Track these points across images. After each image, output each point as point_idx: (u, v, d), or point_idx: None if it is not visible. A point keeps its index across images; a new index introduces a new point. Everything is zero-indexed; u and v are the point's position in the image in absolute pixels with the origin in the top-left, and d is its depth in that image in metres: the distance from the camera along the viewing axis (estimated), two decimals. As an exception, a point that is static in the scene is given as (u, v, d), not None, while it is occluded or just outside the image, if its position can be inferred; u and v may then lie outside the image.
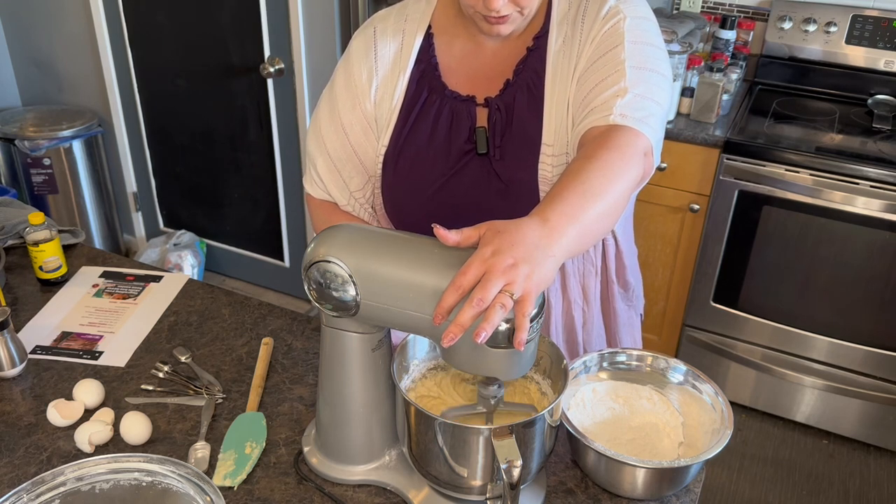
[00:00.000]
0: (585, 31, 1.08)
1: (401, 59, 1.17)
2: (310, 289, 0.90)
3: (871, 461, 2.43)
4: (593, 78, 1.05)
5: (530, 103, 1.11)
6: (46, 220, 1.45)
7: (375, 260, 0.86)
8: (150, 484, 0.84)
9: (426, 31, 1.17)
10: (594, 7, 1.09)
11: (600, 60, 1.05)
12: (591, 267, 1.21)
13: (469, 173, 1.13)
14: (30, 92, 3.32)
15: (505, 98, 1.12)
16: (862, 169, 2.10)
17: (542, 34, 1.11)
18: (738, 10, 2.65)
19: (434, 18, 1.17)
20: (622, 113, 0.99)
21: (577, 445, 1.01)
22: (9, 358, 1.20)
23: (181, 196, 3.26)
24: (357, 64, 1.18)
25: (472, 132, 1.13)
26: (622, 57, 1.03)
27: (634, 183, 0.98)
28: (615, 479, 0.98)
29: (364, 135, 1.19)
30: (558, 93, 1.09)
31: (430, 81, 1.15)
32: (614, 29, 1.05)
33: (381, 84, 1.17)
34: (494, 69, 1.14)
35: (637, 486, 0.98)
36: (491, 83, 1.14)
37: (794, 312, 2.36)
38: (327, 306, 0.90)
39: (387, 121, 1.17)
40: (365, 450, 1.02)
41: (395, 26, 1.18)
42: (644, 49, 1.05)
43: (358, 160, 1.20)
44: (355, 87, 1.18)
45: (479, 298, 0.77)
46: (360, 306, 0.88)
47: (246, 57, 2.74)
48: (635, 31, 1.06)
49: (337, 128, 1.20)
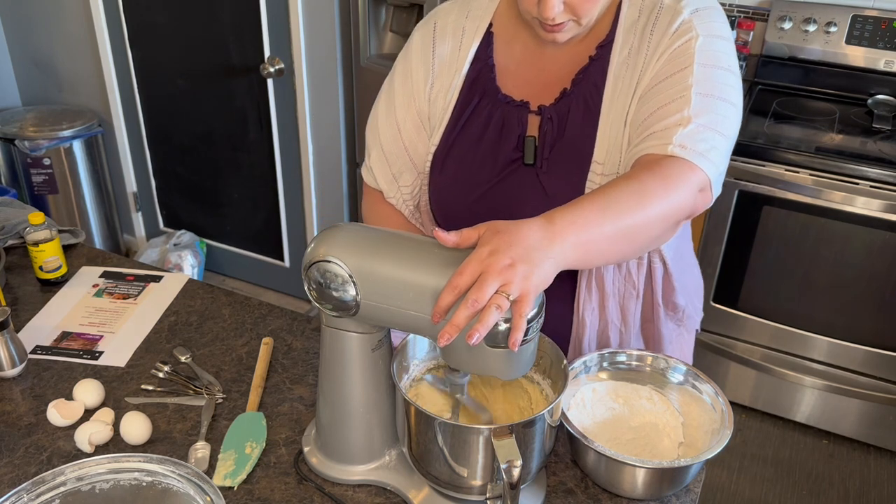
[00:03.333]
0: (653, 45, 1.02)
1: (458, 57, 1.14)
2: (310, 289, 0.90)
3: (871, 461, 2.43)
4: (656, 100, 0.99)
5: (585, 116, 1.06)
6: (46, 220, 1.45)
7: (375, 260, 0.86)
8: (150, 484, 0.84)
9: (487, 30, 1.13)
10: (665, 18, 1.02)
11: (666, 81, 0.99)
12: (632, 289, 1.14)
13: (514, 182, 1.10)
14: (30, 92, 3.32)
15: (559, 108, 1.08)
16: (862, 169, 2.10)
17: (607, 43, 1.06)
18: (738, 10, 2.65)
19: (496, 17, 1.14)
20: (682, 144, 0.95)
21: (577, 445, 1.01)
22: (9, 358, 1.20)
23: (181, 196, 3.26)
24: (415, 59, 1.16)
25: (521, 140, 1.10)
26: (689, 81, 0.97)
27: (676, 215, 0.95)
28: (615, 479, 0.98)
29: (416, 133, 1.18)
30: (616, 108, 1.04)
31: (484, 83, 1.12)
32: (685, 48, 0.99)
33: (436, 81, 1.15)
34: (552, 75, 1.10)
35: (637, 486, 0.98)
36: (547, 90, 1.10)
37: (794, 312, 2.36)
38: (327, 306, 0.90)
39: (440, 119, 1.15)
40: (365, 450, 1.02)
41: (455, 23, 1.15)
42: (714, 74, 0.99)
43: (408, 157, 1.19)
44: (412, 83, 1.16)
45: (473, 299, 0.77)
46: (360, 306, 0.88)
47: (246, 57, 2.74)
48: (707, 53, 0.99)
49: (391, 123, 1.18)
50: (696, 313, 1.28)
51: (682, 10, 1.02)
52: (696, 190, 0.96)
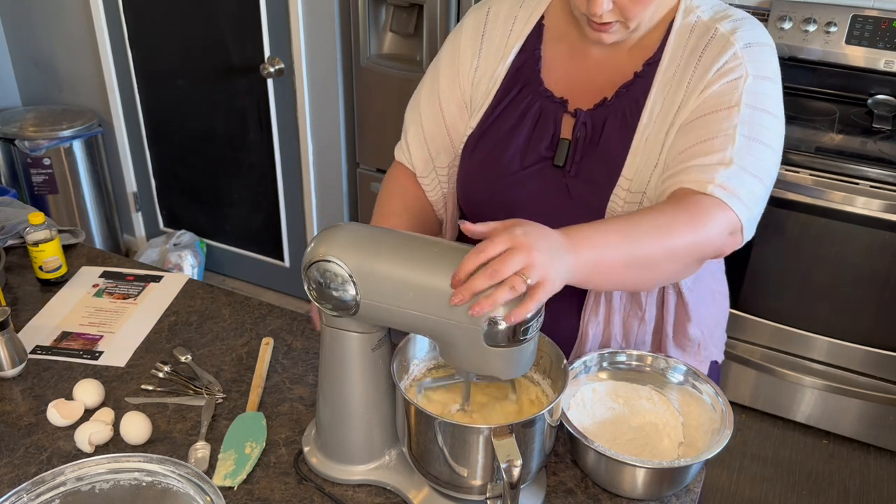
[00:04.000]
0: (699, 74, 1.01)
1: (507, 44, 1.15)
2: (310, 288, 0.90)
3: (871, 461, 2.43)
4: (699, 132, 0.98)
5: (621, 131, 1.06)
6: (46, 220, 1.45)
7: (375, 259, 0.86)
8: (150, 484, 0.84)
9: (538, 22, 1.14)
10: (716, 47, 1.01)
11: (711, 116, 0.98)
12: (637, 310, 1.13)
13: (540, 180, 1.10)
14: (30, 92, 3.32)
15: (595, 115, 1.08)
16: (862, 169, 2.10)
17: (654, 61, 1.05)
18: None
19: (549, 10, 1.14)
20: (722, 184, 0.94)
21: (577, 445, 1.01)
22: (9, 358, 1.20)
23: (181, 196, 3.25)
24: (465, 42, 1.17)
25: (554, 139, 1.10)
26: (735, 121, 0.97)
27: (699, 253, 0.95)
28: (615, 479, 0.98)
29: (459, 113, 1.18)
30: (652, 129, 1.04)
31: (527, 74, 1.13)
32: (733, 86, 0.98)
33: (481, 65, 1.16)
34: (595, 80, 1.10)
35: (637, 486, 0.98)
36: (587, 93, 1.10)
37: (794, 312, 2.36)
38: (327, 306, 0.90)
39: (480, 103, 1.16)
40: (365, 450, 1.02)
41: (508, 11, 1.16)
42: (761, 118, 0.98)
43: (449, 138, 1.20)
44: (458, 63, 1.17)
45: (494, 269, 0.78)
46: (359, 306, 0.88)
47: (246, 57, 2.74)
48: (755, 95, 0.98)
49: (434, 102, 1.19)
50: (715, 345, 1.23)
51: (734, 42, 1.00)
52: (726, 232, 0.96)
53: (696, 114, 1.00)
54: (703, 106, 1.00)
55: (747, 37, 1.02)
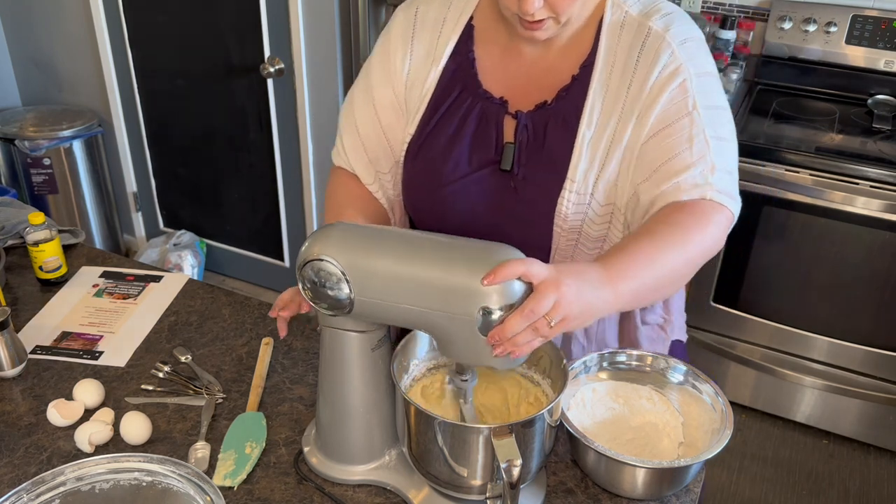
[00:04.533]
0: (640, 78, 1.03)
1: (437, 47, 1.13)
2: (304, 288, 0.91)
3: (871, 461, 2.43)
4: (668, 149, 1.01)
5: (563, 134, 1.07)
6: (46, 220, 1.45)
7: (367, 256, 0.87)
8: (150, 484, 0.84)
9: (467, 23, 1.13)
10: (652, 49, 1.03)
11: (673, 127, 1.01)
12: None
13: (487, 184, 1.10)
14: (30, 92, 3.32)
15: (536, 118, 1.08)
16: (862, 169, 2.10)
17: (589, 63, 1.06)
18: (738, 10, 2.65)
19: (478, 11, 1.13)
20: (717, 190, 1.00)
21: (577, 445, 1.01)
22: (9, 358, 1.20)
23: (181, 196, 3.25)
24: (394, 43, 1.16)
25: (498, 143, 1.10)
26: (700, 126, 1.01)
27: (710, 255, 1.00)
28: (615, 479, 0.98)
29: (395, 115, 1.17)
30: (594, 132, 1.05)
31: (464, 77, 1.12)
32: (682, 90, 1.01)
33: (413, 68, 1.14)
34: (532, 81, 1.10)
35: (637, 486, 0.98)
36: (525, 94, 1.10)
37: (794, 312, 2.36)
38: (322, 305, 0.90)
39: (416, 108, 1.15)
40: (365, 450, 1.02)
41: (437, 12, 1.14)
42: (718, 115, 1.03)
43: (386, 141, 1.18)
44: (390, 63, 1.16)
45: (530, 310, 0.81)
46: (354, 304, 0.88)
47: (246, 57, 2.74)
48: (705, 94, 1.02)
49: (369, 105, 1.18)
50: (679, 325, 1.28)
51: (669, 41, 1.02)
52: (726, 229, 1.03)
53: (659, 125, 1.02)
54: (663, 118, 1.02)
55: (681, 33, 1.04)
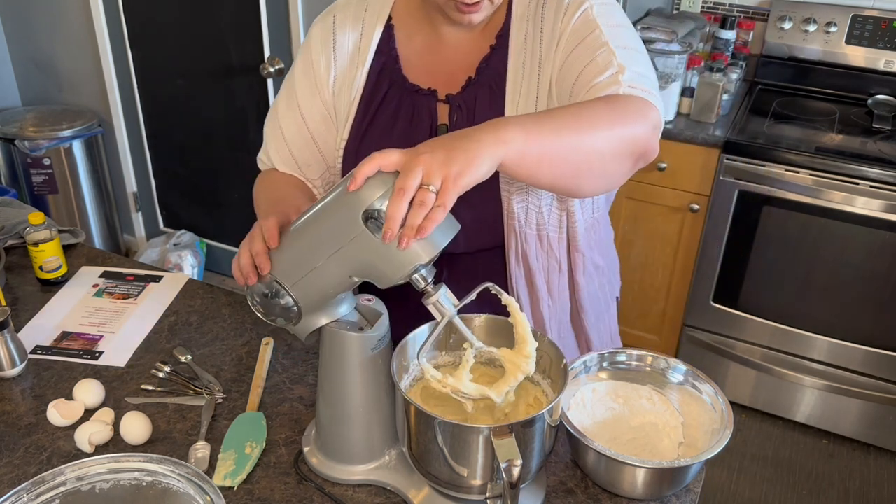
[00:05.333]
0: (548, 25, 1.07)
1: (360, 50, 1.16)
2: (254, 304, 0.96)
3: (871, 461, 2.43)
4: (578, 63, 1.03)
5: (492, 102, 1.10)
6: (46, 220, 1.45)
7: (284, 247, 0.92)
8: (150, 484, 0.84)
9: (386, 23, 1.16)
10: (552, 2, 1.08)
11: (580, 46, 1.03)
12: (554, 263, 1.19)
13: None
14: (30, 92, 3.32)
15: (466, 96, 1.11)
16: (862, 169, 2.10)
17: (504, 32, 1.11)
18: (738, 10, 2.65)
19: (395, 9, 1.16)
20: (631, 85, 0.97)
21: (577, 445, 1.01)
22: (9, 358, 1.20)
23: (181, 196, 3.26)
24: (316, 52, 1.17)
25: (433, 128, 1.12)
26: (604, 39, 1.02)
27: (632, 147, 0.95)
28: (615, 479, 0.98)
29: (324, 123, 1.19)
30: (523, 90, 1.09)
31: (390, 74, 1.15)
32: (584, 17, 1.05)
33: (339, 75, 1.17)
34: (456, 64, 1.13)
35: (637, 486, 0.98)
36: (451, 78, 1.13)
37: (794, 312, 2.36)
38: (279, 320, 0.95)
39: (346, 113, 1.17)
40: (365, 450, 1.02)
41: (354, 16, 1.17)
42: (622, 31, 1.05)
43: (316, 148, 1.20)
44: (314, 74, 1.17)
45: (399, 188, 0.79)
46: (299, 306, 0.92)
47: (246, 57, 2.74)
48: (607, 16, 1.05)
49: (295, 114, 1.19)
50: (616, 281, 1.35)
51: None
52: (652, 127, 0.97)
53: (566, 53, 1.04)
54: (569, 43, 1.04)
55: None
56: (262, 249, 0.93)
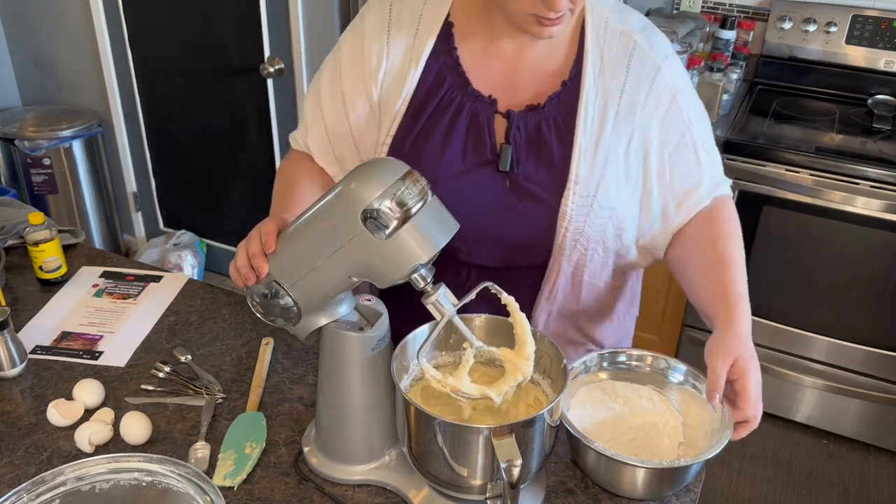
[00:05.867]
0: (630, 92, 1.08)
1: (415, 46, 1.10)
2: (253, 304, 0.97)
3: (871, 461, 2.43)
4: (680, 167, 1.11)
5: (559, 137, 1.08)
6: (46, 220, 1.45)
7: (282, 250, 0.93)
8: (150, 484, 0.84)
9: (445, 20, 1.10)
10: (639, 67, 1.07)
11: (678, 148, 1.11)
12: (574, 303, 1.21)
13: (483, 183, 1.09)
14: (30, 92, 3.32)
15: (529, 120, 1.08)
16: (862, 169, 2.10)
17: (577, 68, 1.08)
18: (738, 10, 2.65)
19: (454, 9, 1.10)
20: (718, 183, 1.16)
21: (576, 445, 1.01)
22: (9, 358, 1.20)
23: (181, 196, 3.25)
24: (368, 41, 1.11)
25: (492, 142, 1.09)
26: (698, 135, 1.12)
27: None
28: (615, 479, 0.98)
29: (365, 120, 1.14)
30: (589, 136, 1.07)
31: (450, 75, 1.10)
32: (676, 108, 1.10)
33: (390, 70, 1.11)
34: (515, 78, 1.10)
35: (637, 486, 0.98)
36: (509, 92, 1.09)
37: (794, 312, 2.36)
38: (278, 321, 0.95)
39: (393, 112, 1.11)
40: (365, 450, 1.02)
41: (412, 9, 1.10)
42: (702, 117, 1.13)
43: (353, 142, 1.16)
44: (363, 65, 1.12)
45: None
46: (299, 306, 0.92)
47: (246, 57, 2.74)
48: (690, 104, 1.12)
49: (338, 103, 1.15)
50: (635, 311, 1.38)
51: (655, 58, 1.09)
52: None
53: (664, 148, 1.10)
54: (665, 139, 1.10)
55: (662, 49, 1.10)
56: (258, 251, 0.94)
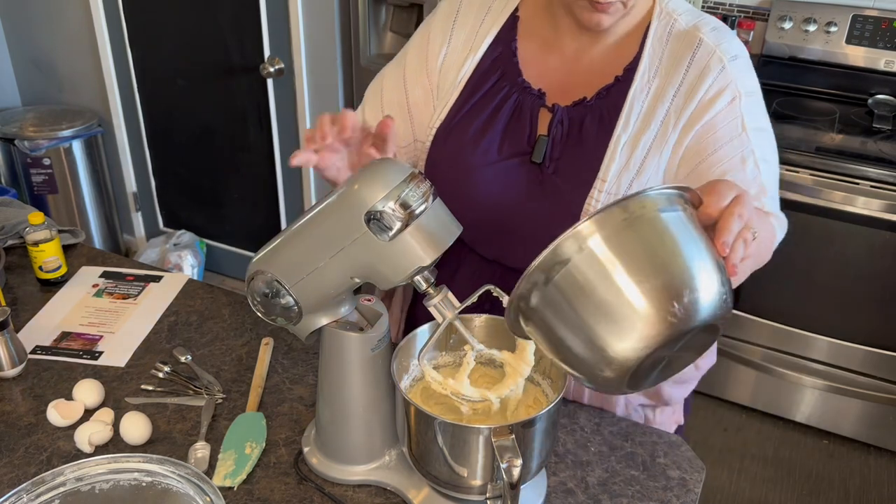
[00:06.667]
0: (688, 86, 1.04)
1: (478, 35, 1.14)
2: (254, 303, 0.96)
3: (871, 461, 2.43)
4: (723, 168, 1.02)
5: (599, 132, 1.07)
6: (46, 220, 1.45)
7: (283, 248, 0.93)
8: (150, 484, 0.84)
9: (512, 13, 1.14)
10: (700, 63, 1.04)
11: (726, 149, 1.02)
12: None
13: (515, 173, 1.10)
14: (30, 92, 3.32)
15: (573, 114, 1.08)
16: (862, 169, 2.10)
17: (633, 67, 1.07)
18: (738, 10, 2.65)
19: (523, 3, 1.14)
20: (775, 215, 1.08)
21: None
22: (9, 358, 1.20)
23: (181, 196, 3.26)
24: (436, 27, 1.17)
25: (532, 134, 1.10)
26: (751, 148, 1.03)
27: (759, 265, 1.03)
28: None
29: (423, 99, 1.17)
30: (629, 133, 1.06)
31: (504, 65, 1.13)
32: (731, 110, 1.03)
33: (450, 53, 1.15)
34: (570, 76, 1.10)
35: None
36: (562, 89, 1.10)
37: (794, 312, 2.36)
38: (279, 320, 0.95)
39: (448, 93, 1.15)
40: (365, 450, 1.02)
41: (482, 1, 1.16)
42: (765, 138, 1.06)
43: (409, 120, 1.18)
44: (427, 48, 1.16)
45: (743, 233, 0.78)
46: (300, 305, 0.92)
47: (246, 57, 2.74)
48: (752, 115, 1.04)
49: (399, 82, 1.19)
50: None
51: (721, 56, 1.03)
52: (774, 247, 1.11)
53: (711, 146, 1.03)
54: (714, 138, 1.03)
55: (731, 49, 1.05)
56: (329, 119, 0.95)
